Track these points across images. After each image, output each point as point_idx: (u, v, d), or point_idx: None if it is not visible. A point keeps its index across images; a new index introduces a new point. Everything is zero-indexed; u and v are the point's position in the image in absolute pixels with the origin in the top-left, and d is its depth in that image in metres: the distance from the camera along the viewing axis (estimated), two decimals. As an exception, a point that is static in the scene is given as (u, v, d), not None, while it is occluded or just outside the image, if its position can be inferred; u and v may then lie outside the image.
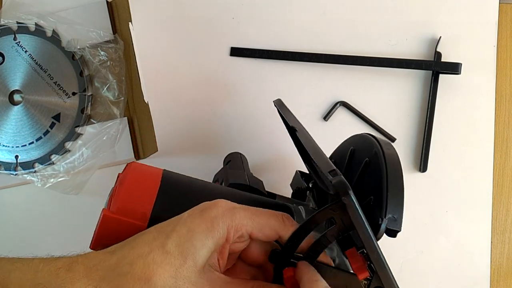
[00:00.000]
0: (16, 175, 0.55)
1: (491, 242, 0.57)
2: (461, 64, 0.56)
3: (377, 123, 0.58)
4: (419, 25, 0.59)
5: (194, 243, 0.29)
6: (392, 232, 0.30)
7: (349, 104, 0.58)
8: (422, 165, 0.57)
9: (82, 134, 0.56)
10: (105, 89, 0.56)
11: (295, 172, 0.49)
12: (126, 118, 0.56)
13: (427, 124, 0.57)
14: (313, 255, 0.31)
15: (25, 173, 0.55)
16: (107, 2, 0.58)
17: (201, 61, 0.59)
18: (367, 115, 0.58)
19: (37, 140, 0.55)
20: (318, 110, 0.58)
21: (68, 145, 0.55)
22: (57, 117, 0.55)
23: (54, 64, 0.56)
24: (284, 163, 0.57)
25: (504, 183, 0.60)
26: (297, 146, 0.41)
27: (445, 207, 0.57)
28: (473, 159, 0.58)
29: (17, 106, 0.55)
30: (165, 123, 0.58)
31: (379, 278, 0.29)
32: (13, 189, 0.57)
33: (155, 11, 0.60)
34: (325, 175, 0.30)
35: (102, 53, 0.56)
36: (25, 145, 0.55)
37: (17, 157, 0.55)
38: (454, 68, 0.57)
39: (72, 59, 0.56)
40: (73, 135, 0.55)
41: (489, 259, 0.57)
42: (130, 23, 0.55)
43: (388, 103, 0.58)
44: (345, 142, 0.41)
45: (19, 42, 0.56)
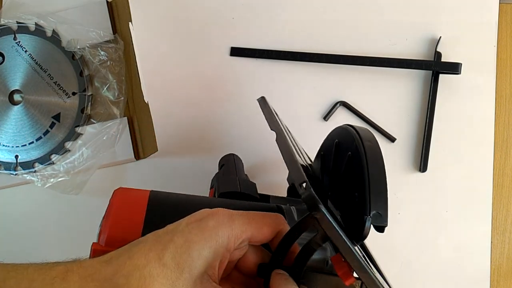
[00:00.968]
0: (16, 175, 0.55)
1: (491, 242, 0.57)
2: (461, 64, 0.56)
3: (377, 123, 0.58)
4: (419, 25, 0.59)
5: (191, 254, 0.29)
6: (380, 228, 0.30)
7: (349, 104, 0.58)
8: (422, 165, 0.57)
9: (82, 134, 0.56)
10: (105, 89, 0.56)
11: None
12: (126, 118, 0.56)
13: (427, 124, 0.57)
14: (300, 264, 0.31)
15: (25, 173, 0.55)
16: (107, 2, 0.58)
17: (201, 61, 0.59)
18: (367, 115, 0.58)
19: (37, 140, 0.55)
20: (318, 110, 0.58)
21: (68, 145, 0.55)
22: (57, 117, 0.55)
23: (54, 64, 0.56)
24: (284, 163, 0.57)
25: (504, 183, 0.61)
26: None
27: (445, 207, 0.57)
28: (473, 159, 0.58)
29: (17, 106, 0.55)
30: (165, 123, 0.58)
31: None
32: (13, 189, 0.57)
33: (155, 11, 0.60)
34: (297, 187, 0.29)
35: (102, 53, 0.56)
36: (25, 145, 0.55)
37: (17, 157, 0.55)
38: (454, 68, 0.57)
39: (72, 59, 0.56)
40: (73, 135, 0.55)
41: (489, 259, 0.56)
42: (130, 23, 0.55)
43: (388, 103, 0.58)
44: (331, 133, 0.40)
45: (19, 42, 0.56)
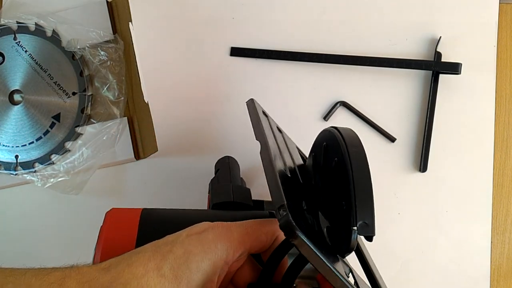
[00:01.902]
0: (16, 175, 0.55)
1: (491, 242, 0.57)
2: (461, 64, 0.56)
3: (377, 123, 0.58)
4: (419, 25, 0.59)
5: (190, 266, 0.29)
6: (367, 238, 0.29)
7: (349, 104, 0.58)
8: (422, 165, 0.57)
9: (82, 134, 0.56)
10: (105, 89, 0.56)
11: None
12: (126, 118, 0.56)
13: (427, 124, 0.57)
14: (289, 281, 0.31)
15: (25, 173, 0.55)
16: (107, 2, 0.58)
17: (201, 61, 0.59)
18: (367, 115, 0.58)
19: (37, 140, 0.55)
20: (318, 110, 0.58)
21: (68, 145, 0.55)
22: (57, 117, 0.55)
23: (54, 64, 0.56)
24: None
25: (504, 183, 0.61)
26: None
27: (445, 207, 0.57)
28: (473, 159, 0.58)
29: (17, 106, 0.55)
30: (165, 123, 0.58)
31: None
32: (13, 189, 0.57)
33: (155, 11, 0.60)
34: (275, 211, 0.28)
35: (102, 53, 0.56)
36: (25, 145, 0.55)
37: (17, 157, 0.55)
38: (454, 68, 0.57)
39: (72, 59, 0.56)
40: (73, 135, 0.55)
41: (489, 259, 0.56)
42: (130, 23, 0.55)
43: (388, 103, 0.58)
44: (320, 135, 0.39)
45: (19, 42, 0.56)
